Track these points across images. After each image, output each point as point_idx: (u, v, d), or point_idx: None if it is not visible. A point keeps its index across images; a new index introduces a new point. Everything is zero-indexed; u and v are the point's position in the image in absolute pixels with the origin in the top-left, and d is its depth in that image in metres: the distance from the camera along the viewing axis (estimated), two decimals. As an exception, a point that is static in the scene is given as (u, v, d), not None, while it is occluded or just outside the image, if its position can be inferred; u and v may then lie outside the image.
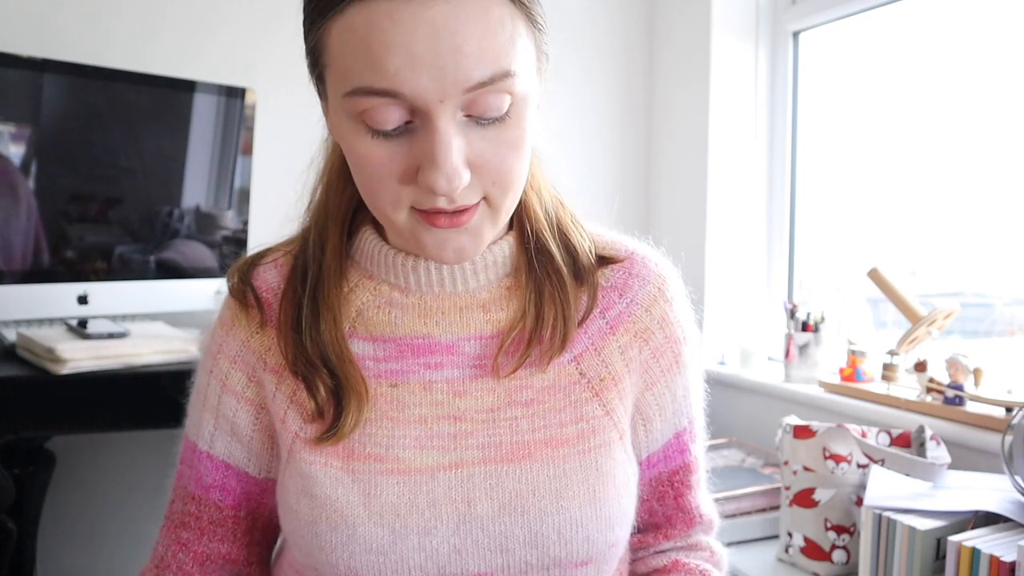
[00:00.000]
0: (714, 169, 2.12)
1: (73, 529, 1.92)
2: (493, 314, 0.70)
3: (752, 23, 2.14)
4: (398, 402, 0.69)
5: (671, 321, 0.74)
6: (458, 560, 0.66)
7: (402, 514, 0.65)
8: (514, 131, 0.60)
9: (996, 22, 1.70)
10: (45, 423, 1.52)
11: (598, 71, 2.31)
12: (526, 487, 0.66)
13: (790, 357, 1.85)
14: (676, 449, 0.78)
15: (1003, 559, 1.03)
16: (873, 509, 1.20)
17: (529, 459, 0.67)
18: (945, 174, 1.82)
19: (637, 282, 0.74)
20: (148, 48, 1.86)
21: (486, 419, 0.68)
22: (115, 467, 1.95)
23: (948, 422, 1.46)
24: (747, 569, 1.40)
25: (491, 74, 0.56)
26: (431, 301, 0.70)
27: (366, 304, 0.71)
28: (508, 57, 0.56)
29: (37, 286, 1.62)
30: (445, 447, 0.68)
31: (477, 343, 0.69)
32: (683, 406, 0.77)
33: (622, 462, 0.71)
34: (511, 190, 0.62)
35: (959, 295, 1.78)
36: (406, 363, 0.69)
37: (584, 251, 0.73)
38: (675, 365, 0.75)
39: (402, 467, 0.67)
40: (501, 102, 0.57)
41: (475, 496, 0.66)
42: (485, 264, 0.69)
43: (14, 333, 1.61)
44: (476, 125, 0.58)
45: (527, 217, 0.71)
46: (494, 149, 0.59)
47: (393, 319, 0.70)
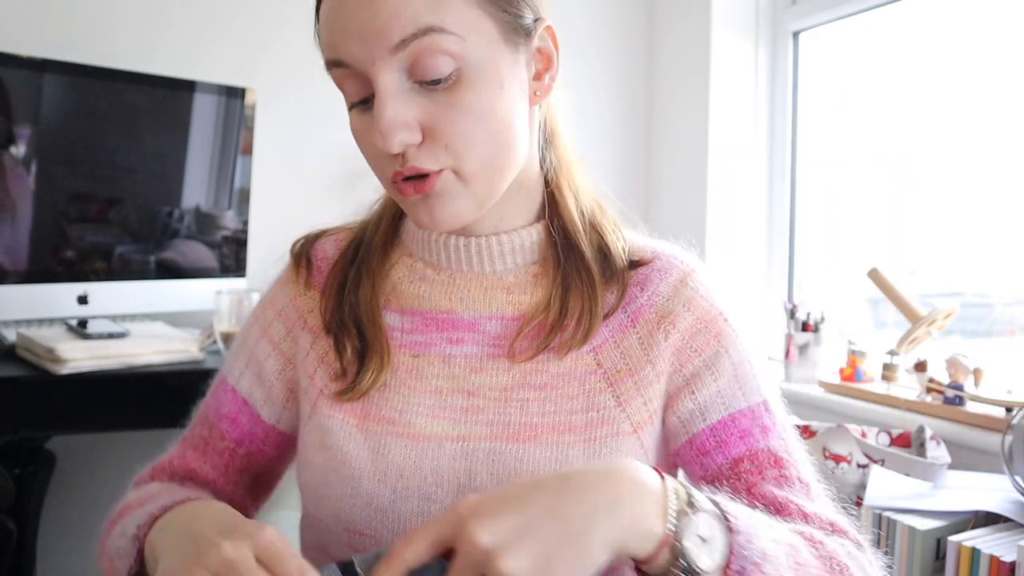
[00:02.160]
0: (714, 169, 2.12)
1: (73, 529, 1.92)
2: (516, 296, 0.72)
3: (752, 23, 2.14)
4: (417, 372, 0.72)
5: (700, 304, 0.72)
6: None
7: (405, 476, 0.68)
8: (466, 96, 0.61)
9: (996, 22, 1.70)
10: (45, 423, 1.52)
11: (598, 71, 2.31)
12: (526, 467, 0.67)
13: (790, 357, 1.85)
14: (735, 434, 0.70)
15: (1003, 559, 1.03)
16: (873, 509, 1.20)
17: (534, 441, 0.68)
18: (945, 174, 1.82)
19: (659, 276, 0.73)
20: (148, 48, 1.86)
21: (498, 397, 0.70)
22: (115, 467, 1.95)
23: (948, 422, 1.46)
24: (747, 569, 1.40)
25: (412, 30, 0.59)
26: (458, 279, 0.73)
27: (401, 279, 0.75)
28: (431, 15, 0.59)
29: (37, 286, 1.62)
30: (456, 419, 0.70)
31: (499, 323, 0.72)
32: (732, 386, 0.71)
33: (633, 455, 0.69)
34: (472, 157, 0.63)
35: (959, 295, 1.78)
36: (429, 336, 0.73)
37: (617, 252, 0.73)
38: (715, 342, 0.71)
39: (412, 432, 0.70)
40: (438, 63, 0.60)
41: (476, 469, 0.68)
42: (513, 248, 0.72)
43: (14, 333, 1.60)
44: (424, 89, 0.61)
45: (556, 213, 0.73)
46: (445, 113, 0.62)
47: (422, 293, 0.74)
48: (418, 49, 0.60)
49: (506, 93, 0.64)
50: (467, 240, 0.72)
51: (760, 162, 2.17)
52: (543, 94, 0.69)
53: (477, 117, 0.62)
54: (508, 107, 0.64)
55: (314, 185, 2.02)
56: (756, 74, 2.15)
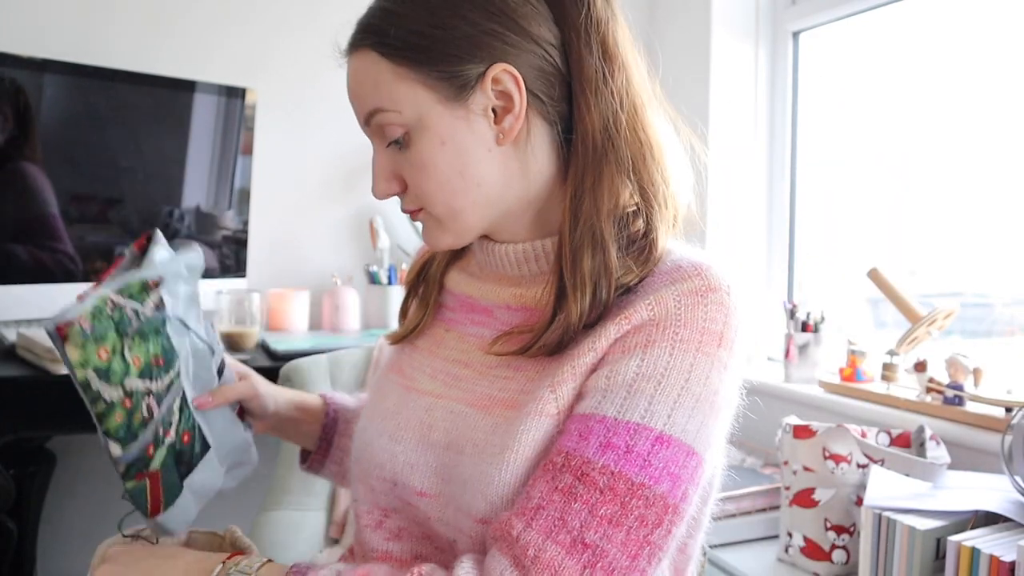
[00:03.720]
0: (714, 169, 2.12)
1: (73, 529, 1.92)
2: (520, 290, 0.78)
3: (752, 23, 2.14)
4: (442, 343, 0.83)
5: (665, 306, 0.66)
6: (409, 473, 0.75)
7: (387, 417, 0.80)
8: (415, 155, 0.72)
9: (996, 22, 1.70)
10: (45, 423, 1.52)
11: (598, 71, 2.31)
12: (468, 433, 0.72)
13: (790, 357, 1.85)
14: (579, 430, 0.65)
15: (1003, 559, 1.03)
16: (873, 509, 1.20)
17: (485, 411, 0.73)
18: (945, 174, 1.82)
19: (652, 279, 0.69)
20: (148, 48, 1.86)
21: (484, 372, 0.76)
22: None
23: (948, 422, 1.46)
24: (747, 569, 1.41)
25: (367, 111, 0.73)
26: (486, 275, 0.82)
27: (457, 266, 0.87)
28: (375, 98, 0.71)
29: (37, 286, 1.62)
30: (447, 383, 0.78)
31: (507, 312, 0.78)
32: (618, 393, 0.65)
33: (549, 438, 0.67)
34: (432, 202, 0.74)
35: (959, 295, 1.78)
36: (459, 315, 0.83)
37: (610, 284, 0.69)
38: (640, 347, 0.66)
39: (410, 385, 0.82)
40: (391, 131, 0.72)
41: (436, 424, 0.75)
42: (526, 256, 0.78)
43: (14, 333, 1.61)
44: (395, 152, 0.74)
45: (565, 231, 0.71)
46: (407, 170, 0.74)
47: (460, 280, 0.85)
48: (376, 123, 0.73)
49: (449, 147, 0.71)
50: (494, 244, 0.80)
51: (760, 162, 2.17)
52: (507, 135, 0.71)
53: (424, 170, 0.72)
54: (454, 159, 0.71)
55: (314, 185, 2.02)
56: (756, 74, 2.15)
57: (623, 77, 0.72)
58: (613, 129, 0.71)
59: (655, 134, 0.74)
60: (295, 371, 1.55)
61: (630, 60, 0.74)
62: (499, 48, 0.69)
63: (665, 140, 0.75)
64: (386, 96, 0.71)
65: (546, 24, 0.70)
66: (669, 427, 0.64)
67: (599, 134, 0.71)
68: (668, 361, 0.65)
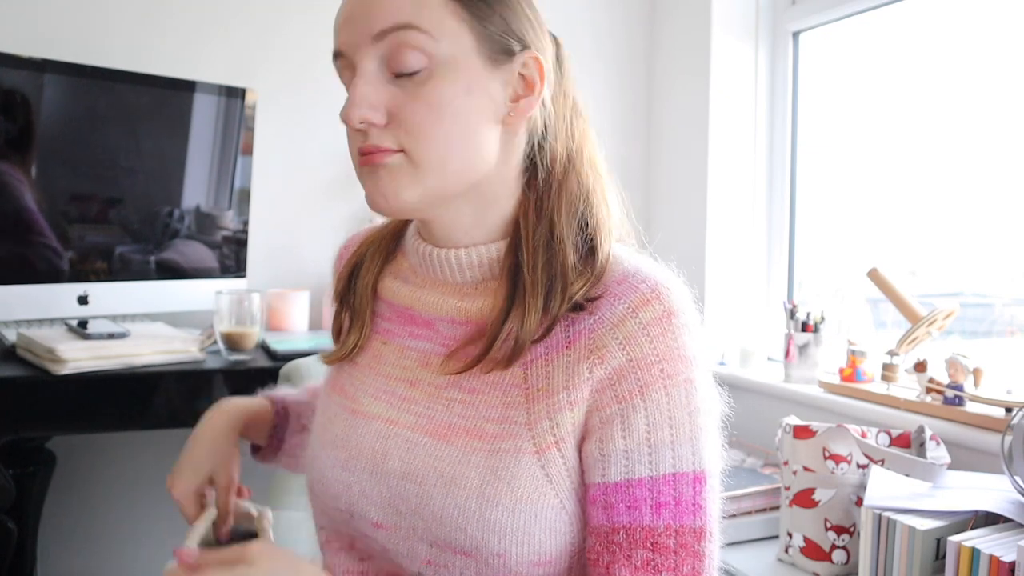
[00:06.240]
0: (714, 169, 2.12)
1: (73, 529, 1.92)
2: (466, 303, 0.74)
3: (752, 23, 2.14)
4: (381, 357, 0.80)
5: (639, 344, 0.67)
6: (363, 504, 0.74)
7: (337, 445, 0.77)
8: (431, 91, 0.67)
9: (996, 22, 1.70)
10: (45, 423, 1.52)
11: (598, 71, 2.31)
12: (430, 463, 0.70)
13: (790, 357, 1.85)
14: (624, 501, 0.67)
15: (1003, 559, 1.03)
16: (873, 509, 1.20)
17: (445, 440, 0.71)
18: (945, 174, 1.82)
19: (609, 301, 0.68)
20: (148, 48, 1.86)
21: (432, 393, 0.74)
22: (115, 467, 1.95)
23: (948, 422, 1.46)
24: (747, 569, 1.41)
25: (392, 23, 0.66)
26: (425, 282, 0.78)
27: (390, 272, 0.83)
28: (411, 13, 0.66)
29: (37, 286, 1.62)
30: (393, 405, 0.76)
31: (450, 325, 0.75)
32: (640, 449, 0.67)
33: (530, 475, 0.67)
34: (426, 145, 0.68)
35: (959, 295, 1.78)
36: (396, 327, 0.80)
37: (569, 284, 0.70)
38: (637, 394, 0.67)
39: (355, 407, 0.78)
40: (410, 58, 0.67)
41: (390, 453, 0.73)
42: (471, 262, 0.75)
43: (14, 333, 1.61)
44: (397, 80, 0.68)
45: (518, 233, 0.73)
46: (409, 103, 0.68)
47: (396, 288, 0.81)
48: (395, 42, 0.67)
49: (472, 99, 0.69)
50: (433, 249, 0.76)
51: (760, 162, 2.17)
52: (517, 116, 0.72)
53: (436, 110, 0.68)
54: (471, 112, 0.69)
55: (314, 185, 2.02)
56: (756, 74, 2.15)
57: (582, 121, 0.79)
58: (576, 155, 0.77)
59: (603, 171, 0.80)
60: (295, 371, 1.55)
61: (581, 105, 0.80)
62: (539, 40, 0.73)
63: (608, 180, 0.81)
64: (427, 18, 0.67)
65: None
66: (697, 463, 0.69)
67: (563, 159, 0.76)
68: (667, 401, 0.68)
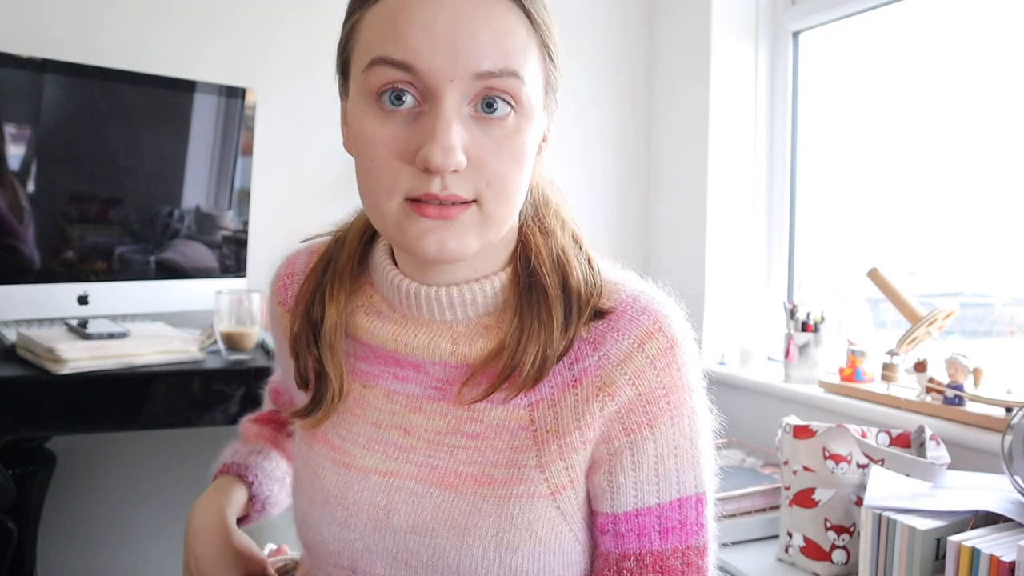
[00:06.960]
0: (714, 169, 2.12)
1: (73, 529, 1.92)
2: (460, 347, 0.70)
3: (752, 23, 2.14)
4: (364, 402, 0.74)
5: (647, 378, 0.67)
6: (368, 560, 0.71)
7: (331, 502, 0.72)
8: (515, 140, 0.63)
9: (996, 22, 1.70)
10: (45, 423, 1.52)
11: (598, 72, 2.31)
12: (441, 514, 0.68)
13: (790, 357, 1.85)
14: (633, 530, 0.69)
15: (1003, 559, 1.03)
16: (873, 509, 1.20)
17: (454, 489, 0.69)
18: (945, 174, 1.82)
19: (614, 336, 0.68)
20: (148, 48, 1.86)
21: (431, 440, 0.71)
22: (115, 467, 1.95)
23: (948, 422, 1.46)
24: (747, 569, 1.41)
25: (500, 67, 0.61)
26: (409, 322, 0.72)
27: (360, 306, 0.75)
28: (518, 60, 0.62)
29: (37, 286, 1.62)
30: (388, 455, 0.72)
31: (442, 368, 0.71)
32: (649, 480, 0.68)
33: (547, 518, 0.68)
34: (504, 197, 0.64)
35: (959, 295, 1.78)
36: (377, 368, 0.74)
37: (582, 292, 0.70)
38: (647, 426, 0.67)
39: (346, 460, 0.73)
40: (502, 104, 0.62)
41: (395, 507, 0.70)
42: (463, 300, 0.70)
43: (14, 333, 1.60)
44: (480, 122, 0.62)
45: (525, 255, 0.71)
46: (493, 150, 0.63)
47: (372, 328, 0.73)
48: (495, 85, 0.61)
49: (535, 144, 0.67)
50: (420, 288, 0.70)
51: (760, 162, 2.17)
52: (540, 153, 0.71)
53: (517, 160, 0.64)
54: (531, 155, 0.66)
55: (314, 185, 2.02)
56: (756, 74, 2.15)
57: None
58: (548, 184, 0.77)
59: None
60: (295, 371, 1.55)
61: None
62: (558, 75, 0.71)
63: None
64: (527, 66, 0.63)
65: None
66: (698, 486, 0.70)
67: (543, 185, 0.76)
68: (673, 432, 0.69)
